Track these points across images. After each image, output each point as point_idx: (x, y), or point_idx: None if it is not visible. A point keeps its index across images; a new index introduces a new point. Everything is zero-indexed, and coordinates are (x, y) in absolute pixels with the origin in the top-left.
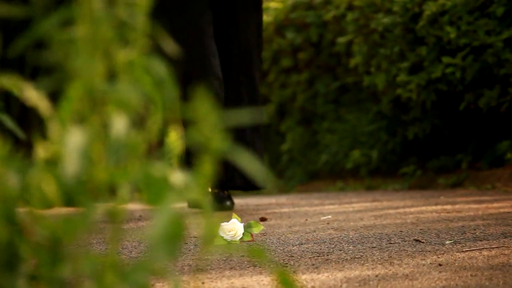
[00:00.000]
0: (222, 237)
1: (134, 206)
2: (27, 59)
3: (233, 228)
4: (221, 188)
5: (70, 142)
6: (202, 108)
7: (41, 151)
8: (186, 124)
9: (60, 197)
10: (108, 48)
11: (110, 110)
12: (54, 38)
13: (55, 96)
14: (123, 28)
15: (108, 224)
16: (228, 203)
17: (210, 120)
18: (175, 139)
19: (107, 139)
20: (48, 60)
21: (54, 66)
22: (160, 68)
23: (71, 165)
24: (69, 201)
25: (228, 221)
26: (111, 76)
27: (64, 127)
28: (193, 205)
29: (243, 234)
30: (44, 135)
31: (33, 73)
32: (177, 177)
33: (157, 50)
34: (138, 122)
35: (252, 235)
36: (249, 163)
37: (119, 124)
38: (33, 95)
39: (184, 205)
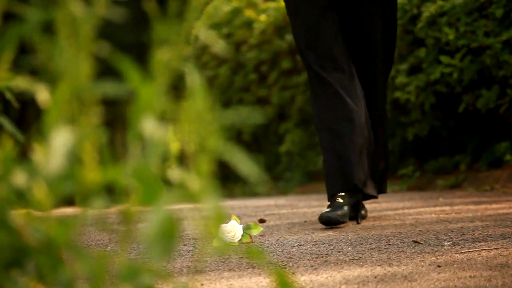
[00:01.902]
0: (221, 238)
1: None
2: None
3: (232, 229)
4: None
5: (55, 142)
6: (198, 106)
7: (38, 152)
8: None
9: (51, 197)
10: (90, 48)
11: (136, 111)
12: (36, 40)
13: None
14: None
15: (118, 225)
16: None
17: (207, 119)
18: (172, 139)
19: (145, 140)
20: (31, 62)
21: (38, 68)
22: (194, 76)
23: (55, 165)
24: (67, 201)
25: (227, 223)
26: (96, 75)
27: (53, 128)
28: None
29: (242, 235)
30: (42, 136)
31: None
32: (174, 176)
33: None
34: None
35: (251, 237)
36: (244, 164)
37: (149, 125)
38: (44, 96)
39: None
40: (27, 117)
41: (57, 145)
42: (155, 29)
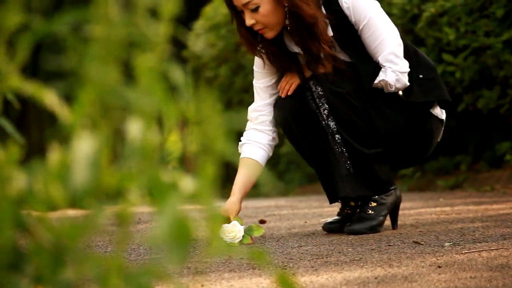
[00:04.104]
0: (222, 238)
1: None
2: (40, 63)
3: (232, 230)
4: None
5: (80, 148)
6: (206, 109)
7: (51, 154)
8: None
9: (65, 200)
10: (121, 53)
11: (126, 115)
12: (68, 40)
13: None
14: (144, 34)
15: (114, 227)
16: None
17: (214, 121)
18: (175, 141)
19: (123, 143)
20: (61, 64)
21: (68, 70)
22: (178, 74)
23: (80, 171)
24: (75, 203)
25: (229, 223)
26: (125, 81)
27: (75, 132)
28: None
29: (243, 236)
30: (47, 138)
31: (46, 78)
32: (182, 180)
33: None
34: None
35: (252, 238)
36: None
37: (135, 128)
38: (53, 101)
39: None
40: (27, 119)
41: (81, 150)
42: (133, 31)
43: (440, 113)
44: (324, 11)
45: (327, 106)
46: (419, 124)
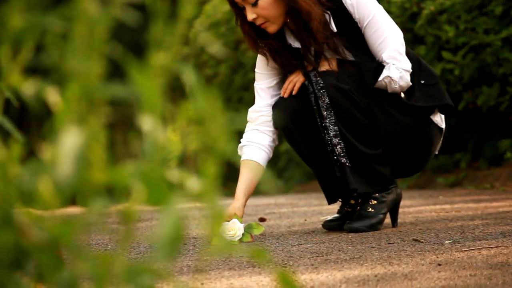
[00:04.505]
0: (222, 236)
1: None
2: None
3: (232, 228)
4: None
5: (66, 143)
6: (208, 108)
7: (44, 152)
8: None
9: (57, 198)
10: (103, 48)
11: (140, 112)
12: (50, 37)
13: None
14: (162, 33)
15: (114, 224)
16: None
17: (217, 121)
18: (174, 140)
19: (144, 140)
20: (44, 61)
21: (51, 67)
22: (190, 75)
23: (65, 166)
24: (73, 201)
25: (228, 221)
26: (109, 76)
27: (62, 128)
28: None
29: (243, 235)
30: (43, 136)
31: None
32: (177, 177)
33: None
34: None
35: (252, 236)
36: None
37: (150, 125)
38: (55, 98)
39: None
40: (27, 117)
41: (67, 146)
42: (151, 31)
43: (440, 121)
44: (327, 6)
45: (327, 99)
46: (419, 129)
